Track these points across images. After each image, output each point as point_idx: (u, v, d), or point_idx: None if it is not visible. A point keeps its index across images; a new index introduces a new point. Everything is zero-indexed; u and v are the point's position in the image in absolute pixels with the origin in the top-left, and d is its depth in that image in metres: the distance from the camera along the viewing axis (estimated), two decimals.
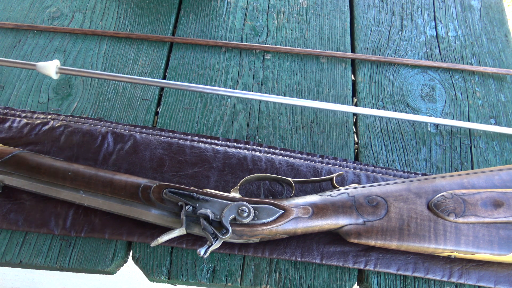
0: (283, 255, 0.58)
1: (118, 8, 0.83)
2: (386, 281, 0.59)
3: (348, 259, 0.58)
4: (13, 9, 0.81)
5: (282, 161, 0.65)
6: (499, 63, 0.79)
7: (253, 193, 0.63)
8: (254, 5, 0.84)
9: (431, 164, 0.68)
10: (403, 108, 0.73)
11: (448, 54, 0.80)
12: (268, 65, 0.77)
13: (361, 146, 0.70)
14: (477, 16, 0.85)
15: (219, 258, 0.59)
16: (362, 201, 0.56)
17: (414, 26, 0.83)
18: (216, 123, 0.70)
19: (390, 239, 0.55)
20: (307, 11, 0.84)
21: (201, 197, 0.55)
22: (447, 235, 0.54)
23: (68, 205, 0.61)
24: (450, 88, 0.76)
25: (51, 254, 0.59)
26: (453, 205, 0.55)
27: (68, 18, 0.81)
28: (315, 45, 0.80)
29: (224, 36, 0.80)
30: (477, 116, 0.73)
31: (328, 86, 0.75)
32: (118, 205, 0.57)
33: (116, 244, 0.60)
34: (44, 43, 0.77)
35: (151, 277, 0.59)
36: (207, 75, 0.76)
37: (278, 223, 0.54)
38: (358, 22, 0.83)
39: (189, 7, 0.84)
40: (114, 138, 0.66)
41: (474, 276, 0.58)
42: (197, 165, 0.64)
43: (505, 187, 0.57)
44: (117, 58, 0.77)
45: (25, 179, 0.59)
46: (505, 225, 0.55)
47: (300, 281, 0.58)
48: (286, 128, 0.71)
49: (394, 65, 0.78)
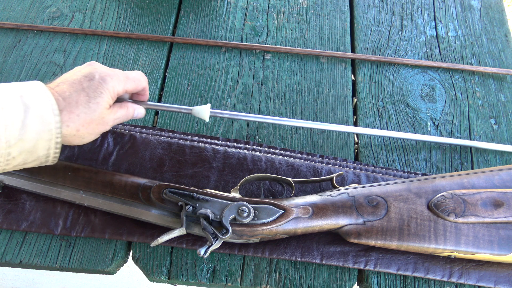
0: (283, 255, 0.58)
1: (118, 8, 0.83)
2: (386, 281, 0.59)
3: (348, 259, 0.58)
4: (13, 9, 0.81)
5: (282, 161, 0.65)
6: (499, 63, 0.79)
7: (253, 193, 0.63)
8: (254, 5, 0.84)
9: (431, 164, 0.68)
10: (403, 108, 0.73)
11: (448, 54, 0.80)
12: (268, 65, 0.77)
13: (361, 146, 0.70)
14: (477, 16, 0.85)
15: (219, 258, 0.59)
16: (362, 201, 0.56)
17: (414, 26, 0.83)
18: (216, 123, 0.70)
19: (390, 239, 0.55)
20: (307, 11, 0.84)
21: (201, 197, 0.55)
22: (447, 235, 0.54)
23: (68, 205, 0.61)
24: (450, 88, 0.76)
25: (51, 254, 0.59)
26: (453, 205, 0.55)
27: (68, 18, 0.81)
28: (315, 45, 0.80)
29: (224, 36, 0.80)
30: (477, 116, 0.73)
31: (328, 86, 0.75)
32: (118, 205, 0.58)
33: (116, 244, 0.60)
34: (44, 43, 0.77)
35: (151, 277, 0.59)
36: (207, 75, 0.76)
37: (278, 223, 0.54)
38: (358, 22, 0.83)
39: (189, 7, 0.84)
40: (114, 138, 0.66)
41: (474, 276, 0.58)
42: (197, 165, 0.64)
43: (505, 187, 0.57)
44: (117, 58, 0.77)
45: (25, 179, 0.59)
46: (505, 225, 0.55)
47: (300, 281, 0.58)
48: (286, 128, 0.71)
49: (394, 65, 0.78)
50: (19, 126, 0.46)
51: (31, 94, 0.49)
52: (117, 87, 0.55)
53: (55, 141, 0.50)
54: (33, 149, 0.49)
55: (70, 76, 0.54)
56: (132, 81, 0.57)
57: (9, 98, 0.47)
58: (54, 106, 0.49)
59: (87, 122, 0.52)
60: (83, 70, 0.55)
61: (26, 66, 0.74)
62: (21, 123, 0.47)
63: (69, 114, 0.51)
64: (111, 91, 0.54)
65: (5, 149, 0.46)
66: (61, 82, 0.53)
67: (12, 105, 0.47)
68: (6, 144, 0.46)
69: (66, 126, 0.51)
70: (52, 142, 0.50)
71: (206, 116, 0.62)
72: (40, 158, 0.51)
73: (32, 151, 0.49)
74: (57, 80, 0.54)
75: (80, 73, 0.54)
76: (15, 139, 0.46)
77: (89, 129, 0.53)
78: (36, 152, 0.49)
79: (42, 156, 0.50)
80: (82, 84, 0.53)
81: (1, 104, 0.46)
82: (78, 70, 0.55)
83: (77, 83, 0.53)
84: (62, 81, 0.53)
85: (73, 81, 0.53)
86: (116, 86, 0.55)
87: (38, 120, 0.48)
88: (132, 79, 0.57)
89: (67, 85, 0.52)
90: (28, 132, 0.47)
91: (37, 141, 0.48)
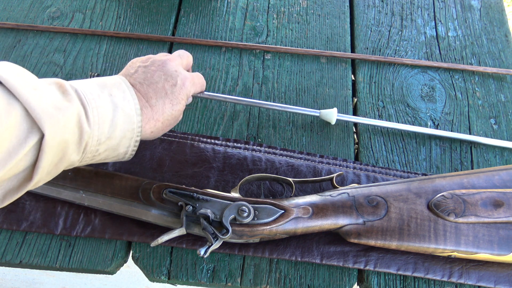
0: (283, 255, 0.58)
1: (118, 8, 0.83)
2: (386, 281, 0.59)
3: (348, 259, 0.58)
4: (13, 9, 0.81)
5: (282, 161, 0.65)
6: (499, 63, 0.79)
7: (253, 193, 0.63)
8: (254, 5, 0.84)
9: (431, 164, 0.68)
10: (403, 108, 0.73)
11: (448, 54, 0.80)
12: (268, 65, 0.77)
13: (361, 146, 0.70)
14: (477, 16, 0.85)
15: (219, 258, 0.59)
16: (362, 201, 0.56)
17: (414, 26, 0.83)
18: (216, 123, 0.71)
19: (390, 239, 0.55)
20: (307, 11, 0.84)
21: (201, 197, 0.55)
22: (447, 235, 0.54)
23: (68, 205, 0.61)
24: (450, 88, 0.76)
25: (51, 254, 0.59)
26: (453, 205, 0.55)
27: (68, 18, 0.81)
28: (315, 45, 0.80)
29: (224, 36, 0.80)
30: (477, 116, 0.73)
31: (328, 86, 0.75)
32: (118, 205, 0.58)
33: (116, 244, 0.60)
34: (44, 43, 0.77)
35: (151, 277, 0.59)
36: (207, 75, 0.75)
37: (278, 223, 0.54)
38: (358, 22, 0.83)
39: (189, 7, 0.84)
40: None
41: (474, 276, 0.58)
42: (197, 165, 0.64)
43: (505, 187, 0.57)
44: (117, 58, 0.77)
45: None
46: (505, 225, 0.55)
47: (300, 281, 0.58)
48: (286, 128, 0.71)
49: (394, 65, 0.78)
50: (108, 124, 0.48)
51: (119, 93, 0.50)
52: (192, 90, 0.59)
53: (135, 139, 0.52)
54: (117, 146, 0.50)
55: (151, 75, 0.55)
56: (201, 87, 0.63)
57: (102, 98, 0.48)
58: (137, 106, 0.51)
59: (166, 126, 0.56)
60: (163, 69, 0.56)
61: (26, 66, 0.74)
62: (110, 122, 0.48)
63: (148, 119, 0.53)
64: (188, 96, 0.58)
65: (95, 146, 0.48)
66: (142, 80, 0.54)
67: (104, 105, 0.48)
68: (97, 142, 0.48)
69: (145, 125, 0.53)
70: (132, 140, 0.52)
71: (333, 119, 0.68)
72: (119, 155, 0.52)
73: (115, 149, 0.51)
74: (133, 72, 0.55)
75: (162, 74, 0.55)
76: (104, 137, 0.48)
77: (165, 129, 0.57)
78: (118, 150, 0.51)
79: (122, 153, 0.52)
80: (166, 91, 0.55)
81: (96, 103, 0.47)
82: (158, 69, 0.56)
83: (161, 89, 0.54)
84: (142, 79, 0.54)
85: (156, 85, 0.54)
86: (192, 90, 0.59)
87: (124, 119, 0.49)
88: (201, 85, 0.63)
89: (152, 90, 0.54)
90: (116, 131, 0.49)
91: (121, 139, 0.50)
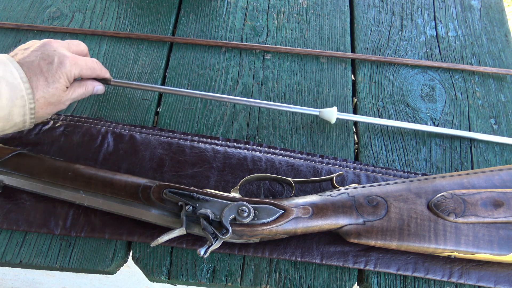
0: (283, 255, 0.58)
1: (118, 8, 0.83)
2: (386, 281, 0.59)
3: (348, 259, 0.58)
4: (13, 9, 0.81)
5: (282, 161, 0.65)
6: (499, 63, 0.79)
7: (253, 193, 0.63)
8: (254, 5, 0.84)
9: (431, 164, 0.68)
10: (403, 108, 0.73)
11: (448, 54, 0.80)
12: (268, 65, 0.77)
13: (361, 146, 0.70)
14: (477, 16, 0.85)
15: (219, 258, 0.59)
16: (362, 201, 0.56)
17: (414, 26, 0.83)
18: (216, 123, 0.71)
19: (390, 239, 0.55)
20: (307, 11, 0.84)
21: (201, 197, 0.55)
22: (447, 235, 0.54)
23: (68, 205, 0.61)
24: (450, 88, 0.76)
25: (51, 254, 0.59)
26: (453, 205, 0.55)
27: (68, 18, 0.81)
28: (315, 45, 0.80)
29: (224, 36, 0.80)
30: (477, 116, 0.73)
31: (328, 86, 0.75)
32: (118, 205, 0.58)
33: (116, 244, 0.60)
34: None
35: (151, 277, 0.59)
36: (207, 75, 0.75)
37: (278, 223, 0.54)
38: (358, 22, 0.83)
39: (189, 7, 0.84)
40: (114, 138, 0.66)
41: (474, 276, 0.58)
42: (197, 165, 0.64)
43: (505, 187, 0.57)
44: (117, 58, 0.77)
45: (25, 179, 0.59)
46: (505, 225, 0.55)
47: (300, 281, 0.58)
48: (286, 128, 0.71)
49: (394, 65, 0.78)
50: None
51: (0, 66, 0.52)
52: (73, 71, 0.58)
53: (29, 106, 0.54)
54: (9, 116, 0.52)
55: (28, 56, 0.56)
56: (88, 69, 0.62)
57: None
58: (22, 75, 0.53)
59: (45, 105, 0.56)
60: (41, 49, 0.57)
61: None
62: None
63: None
64: (68, 75, 0.58)
65: None
66: (20, 59, 0.55)
67: None
68: None
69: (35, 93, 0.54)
70: (26, 108, 0.53)
71: (333, 118, 0.68)
72: (18, 124, 0.54)
73: (9, 119, 0.53)
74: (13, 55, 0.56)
75: (38, 54, 0.56)
76: None
77: (48, 110, 0.57)
78: (12, 119, 0.53)
79: (19, 122, 0.54)
80: (42, 68, 0.55)
81: None
82: (35, 49, 0.57)
83: (36, 66, 0.55)
84: (20, 58, 0.55)
85: (31, 64, 0.55)
86: (73, 70, 0.58)
87: (9, 88, 0.51)
88: (89, 67, 0.61)
89: (26, 68, 0.54)
90: (2, 100, 0.51)
91: (12, 108, 0.52)
